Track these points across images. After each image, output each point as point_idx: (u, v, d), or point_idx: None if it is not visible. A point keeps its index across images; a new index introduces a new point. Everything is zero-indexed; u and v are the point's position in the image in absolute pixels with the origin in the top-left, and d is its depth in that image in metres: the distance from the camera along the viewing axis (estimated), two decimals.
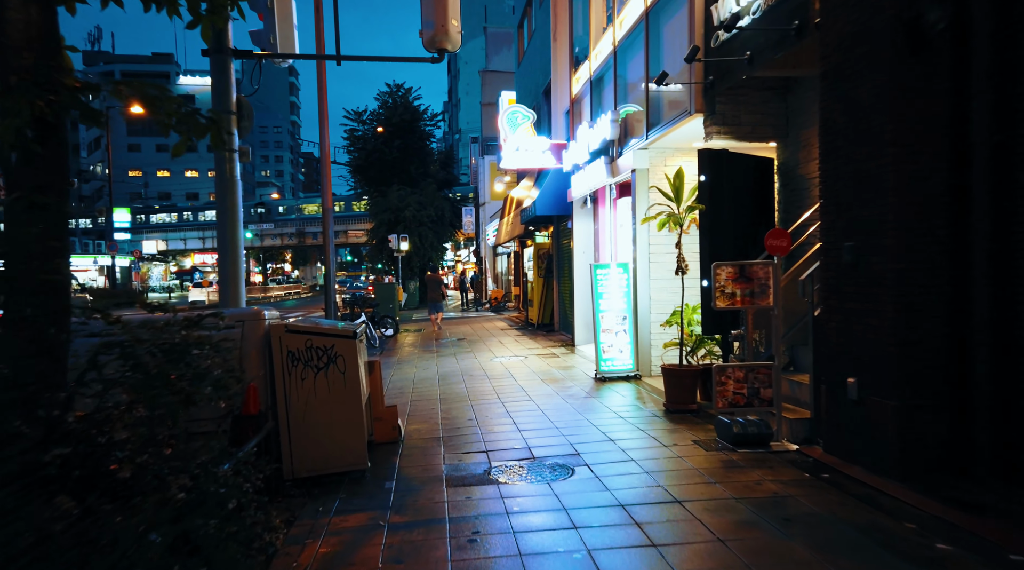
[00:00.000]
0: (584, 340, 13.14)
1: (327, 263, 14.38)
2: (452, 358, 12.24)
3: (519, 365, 10.90)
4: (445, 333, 17.40)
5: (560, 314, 16.34)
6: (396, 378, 10.10)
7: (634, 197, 9.19)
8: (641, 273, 9.14)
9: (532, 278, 18.00)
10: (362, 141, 38.93)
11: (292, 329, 5.01)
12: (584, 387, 8.69)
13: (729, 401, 5.33)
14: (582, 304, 13.15)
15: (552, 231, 17.04)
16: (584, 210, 13.08)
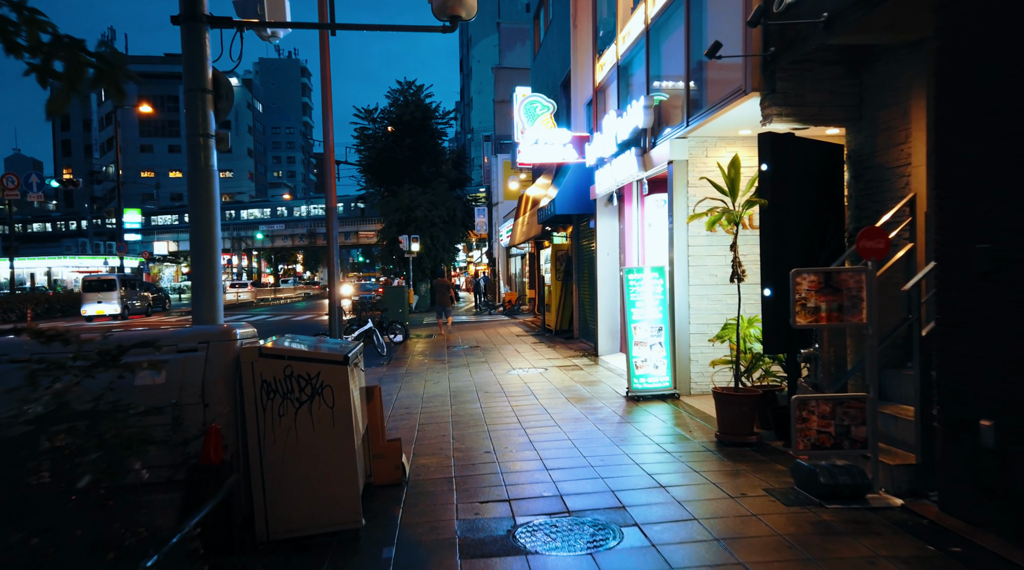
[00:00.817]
0: (608, 350, 12.09)
1: (330, 264, 13.39)
2: (465, 369, 11.23)
3: (539, 379, 9.86)
4: (457, 340, 16.40)
5: (580, 320, 15.29)
6: (403, 395, 9.09)
7: (671, 193, 8.13)
8: (679, 279, 8.08)
9: (549, 281, 16.97)
10: (372, 140, 38.04)
11: (268, 353, 4.01)
12: (615, 408, 7.64)
13: (812, 442, 4.28)
14: (606, 310, 12.10)
15: (571, 231, 16.00)
16: (608, 209, 12.03)
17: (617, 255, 12.10)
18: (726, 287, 7.96)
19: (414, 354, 13.85)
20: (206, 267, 5.33)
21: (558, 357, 12.38)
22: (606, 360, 11.50)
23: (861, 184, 6.05)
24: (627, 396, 8.14)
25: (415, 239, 30.03)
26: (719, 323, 8.00)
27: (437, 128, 39.42)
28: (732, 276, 5.95)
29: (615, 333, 12.09)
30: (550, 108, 12.80)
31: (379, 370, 11.62)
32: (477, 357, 12.85)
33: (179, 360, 3.94)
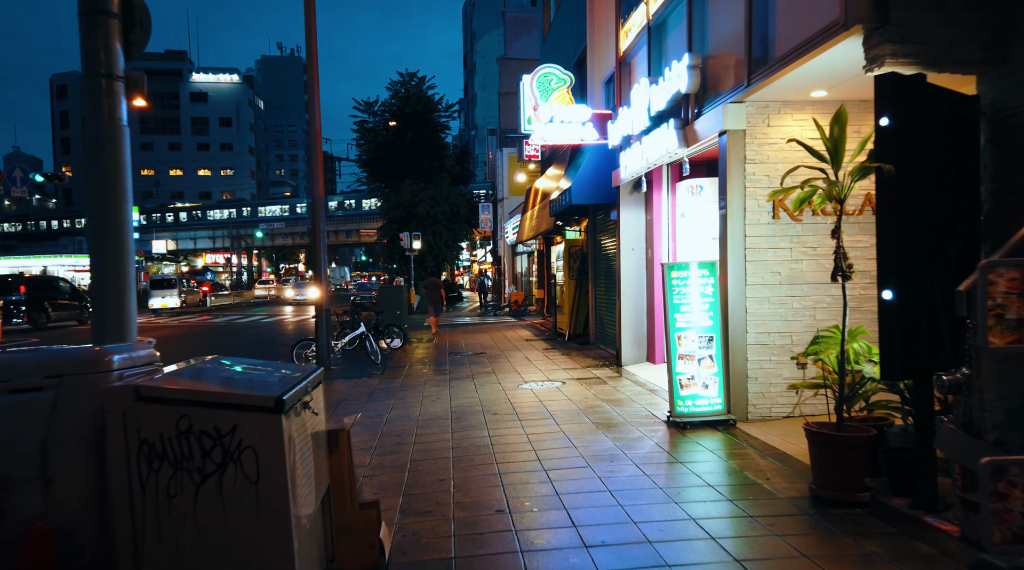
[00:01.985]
0: (633, 358, 10.54)
1: (317, 261, 11.86)
2: (469, 382, 9.70)
3: (556, 396, 8.33)
4: (460, 344, 14.87)
5: (596, 323, 13.76)
6: (395, 416, 7.56)
7: (724, 171, 6.59)
8: (733, 277, 6.54)
9: (561, 280, 15.44)
10: (372, 133, 36.48)
11: (151, 394, 2.48)
12: (658, 439, 6.10)
13: (1015, 531, 2.75)
14: (631, 314, 10.55)
15: (586, 225, 14.46)
16: (633, 197, 10.49)
17: (643, 250, 10.56)
18: (791, 287, 6.43)
19: (412, 362, 12.33)
20: (112, 262, 3.81)
21: (575, 367, 10.84)
22: (632, 371, 9.95)
23: (1001, 149, 4.49)
24: (669, 421, 6.60)
25: (416, 236, 28.54)
26: (783, 331, 6.46)
27: (440, 121, 37.85)
28: (834, 272, 4.39)
29: (641, 340, 10.55)
30: (567, 81, 11.25)
31: (370, 382, 10.11)
32: (483, 366, 11.32)
33: (6, 406, 2.43)
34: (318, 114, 11.74)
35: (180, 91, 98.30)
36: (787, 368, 6.52)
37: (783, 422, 6.42)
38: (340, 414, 7.85)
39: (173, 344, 17.77)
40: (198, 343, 18.03)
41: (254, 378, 3.02)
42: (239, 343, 17.96)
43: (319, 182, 11.70)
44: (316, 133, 11.63)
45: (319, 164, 11.67)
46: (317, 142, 11.69)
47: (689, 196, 9.74)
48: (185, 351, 16.01)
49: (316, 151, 11.69)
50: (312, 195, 11.64)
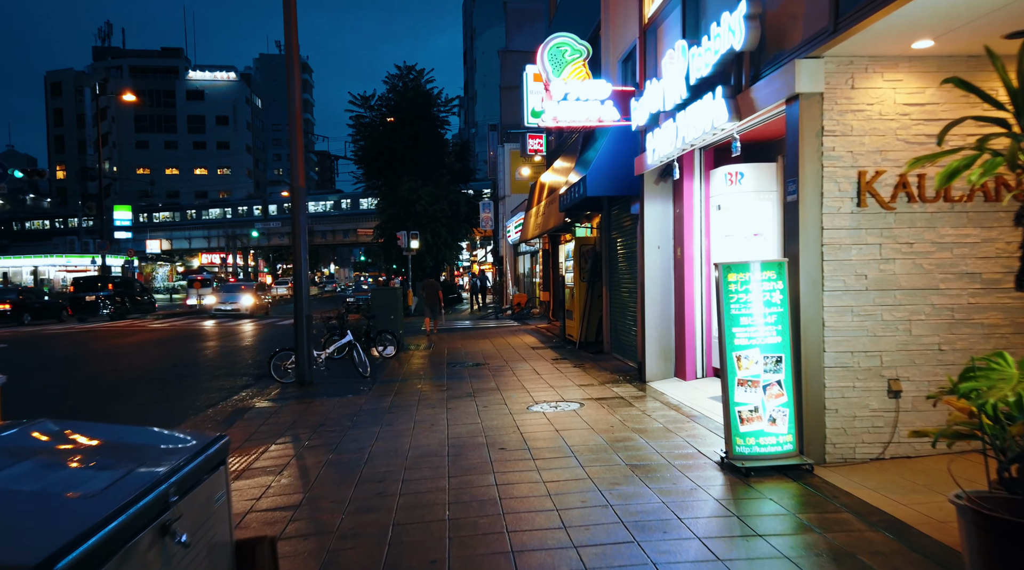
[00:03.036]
0: (660, 373, 9.13)
1: (297, 258, 10.43)
2: (470, 401, 8.31)
3: (575, 423, 6.92)
4: (460, 352, 13.48)
5: (611, 331, 12.36)
6: (380, 451, 6.16)
7: (796, 147, 5.18)
8: (806, 282, 5.15)
9: (571, 282, 14.04)
10: (369, 129, 34.99)
11: None
12: (716, 492, 4.70)
13: None
14: (658, 322, 9.15)
15: (600, 221, 13.06)
16: (660, 187, 9.09)
17: (671, 249, 9.16)
18: (881, 294, 5.04)
19: (406, 375, 10.92)
20: None
21: (591, 382, 9.44)
22: (659, 389, 8.54)
23: None
24: (724, 463, 5.20)
25: (414, 235, 27.16)
26: (870, 350, 5.07)
27: (439, 116, 36.38)
28: (1020, 277, 2.96)
29: (668, 352, 9.15)
30: (583, 52, 9.83)
31: (356, 401, 8.71)
32: (485, 381, 9.92)
33: None
34: (298, 97, 10.36)
35: (176, 89, 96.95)
36: (875, 397, 5.12)
37: (872, 467, 5.02)
38: (315, 445, 6.45)
39: (126, 357, 16.36)
40: (160, 352, 16.64)
41: (28, 503, 1.57)
42: (211, 352, 16.56)
43: (299, 172, 10.31)
44: (296, 115, 10.24)
45: (299, 151, 10.29)
46: (297, 127, 10.30)
47: (726, 185, 8.35)
48: (130, 367, 14.59)
49: (296, 136, 10.31)
50: (292, 185, 10.26)
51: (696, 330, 8.78)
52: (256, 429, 7.44)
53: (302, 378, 10.10)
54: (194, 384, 11.46)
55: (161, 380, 11.97)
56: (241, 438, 7.04)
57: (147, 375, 12.62)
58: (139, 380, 12.06)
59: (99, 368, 13.83)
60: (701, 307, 8.79)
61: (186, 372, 12.87)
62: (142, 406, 9.84)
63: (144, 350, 16.97)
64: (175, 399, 10.19)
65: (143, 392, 10.83)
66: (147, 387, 11.28)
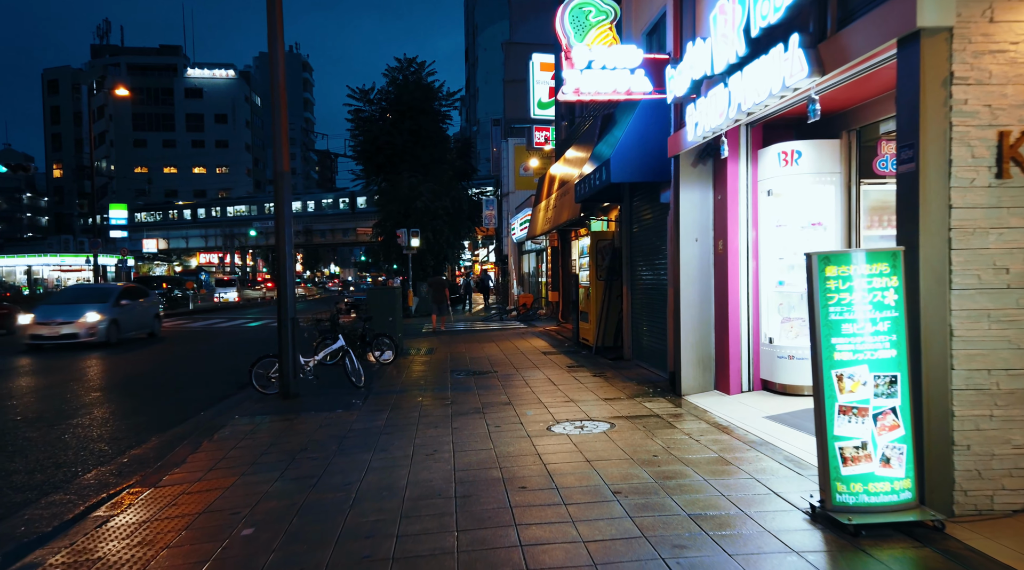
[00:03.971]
0: (697, 385, 7.89)
1: (280, 252, 9.19)
2: (479, 419, 7.08)
3: (608, 450, 5.69)
4: (465, 358, 12.25)
5: (633, 335, 11.13)
6: (370, 490, 4.93)
7: (914, 100, 3.94)
8: (928, 278, 3.91)
9: (586, 281, 12.81)
10: (368, 123, 33.67)
11: None
12: (818, 562, 3.47)
13: None
14: (694, 325, 7.91)
15: (619, 213, 11.84)
16: (698, 170, 7.86)
17: (711, 241, 7.93)
18: None
19: (405, 384, 9.70)
20: None
21: (616, 395, 8.20)
22: (700, 405, 7.30)
23: None
24: (818, 513, 3.97)
25: (415, 233, 25.94)
26: (1015, 368, 3.83)
27: (441, 110, 35.06)
28: None
29: (707, 361, 7.91)
30: (610, 14, 8.57)
31: (346, 418, 7.48)
32: (494, 392, 8.69)
33: None
34: (282, 71, 9.16)
35: (175, 87, 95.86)
36: (1021, 429, 3.89)
37: (1018, 524, 3.79)
38: (291, 479, 5.22)
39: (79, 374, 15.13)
40: (140, 357, 15.40)
41: None
42: (195, 356, 15.31)
43: (283, 155, 9.09)
44: (279, 90, 9.02)
45: (282, 131, 9.07)
46: (281, 103, 9.09)
47: (779, 167, 7.13)
48: (103, 373, 13.34)
49: (279, 115, 9.09)
50: (275, 170, 9.04)
51: (742, 336, 7.55)
52: (225, 454, 6.22)
53: (286, 390, 8.87)
54: (169, 393, 10.24)
55: (134, 388, 10.75)
56: (205, 465, 5.82)
57: (120, 383, 11.40)
58: (110, 388, 10.84)
59: (69, 375, 12.62)
60: (748, 309, 7.56)
61: (163, 379, 11.65)
62: (103, 420, 8.62)
63: (123, 354, 15.74)
64: (144, 412, 8.97)
65: (111, 403, 9.62)
66: (116, 397, 10.06)
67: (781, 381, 7.28)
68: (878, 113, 6.30)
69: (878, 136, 6.68)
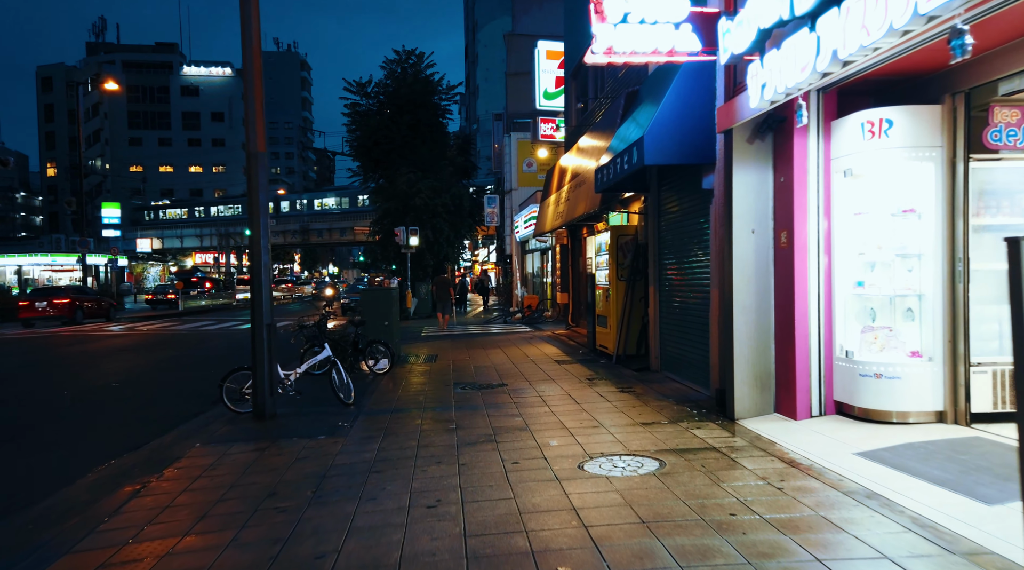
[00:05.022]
0: (754, 407, 6.53)
1: (256, 247, 7.66)
2: (492, 453, 5.72)
3: (669, 506, 4.33)
4: (469, 367, 10.90)
5: (661, 343, 9.77)
6: (347, 567, 3.57)
7: None
8: None
9: (604, 281, 11.47)
10: (365, 117, 32.26)
11: None
12: None
13: None
14: (750, 333, 6.55)
15: (644, 205, 10.50)
16: (756, 147, 6.51)
17: (770, 232, 6.58)
18: None
19: (401, 401, 8.33)
20: None
21: (654, 417, 6.84)
22: (763, 433, 5.94)
23: None
24: None
25: (413, 231, 24.59)
26: None
27: (441, 104, 33.66)
28: None
29: (766, 379, 6.55)
30: None
31: (328, 447, 6.12)
32: (507, 412, 7.33)
33: None
34: (256, 33, 7.79)
35: (170, 84, 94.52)
36: None
37: None
38: (245, 542, 3.86)
39: (66, 369, 13.73)
40: (107, 365, 14.04)
41: None
42: (166, 364, 13.93)
43: (258, 133, 7.74)
44: (253, 55, 7.67)
45: (257, 106, 7.72)
46: (255, 72, 7.74)
47: (862, 140, 5.79)
48: (61, 385, 11.92)
49: (253, 88, 7.74)
50: (248, 151, 7.69)
51: (811, 348, 6.20)
52: (171, 501, 4.87)
53: (260, 410, 7.51)
54: (129, 410, 8.89)
55: (90, 404, 9.40)
56: (142, 518, 4.48)
57: (76, 397, 10.04)
58: (61, 406, 9.48)
59: (21, 386, 11.27)
60: (819, 315, 6.21)
61: (125, 392, 10.30)
62: (46, 444, 7.29)
63: (90, 362, 14.38)
64: (93, 435, 7.63)
65: (60, 423, 8.27)
66: (67, 415, 8.71)
67: (863, 404, 5.93)
68: (999, 67, 4.96)
69: (992, 100, 5.34)
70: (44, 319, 24.08)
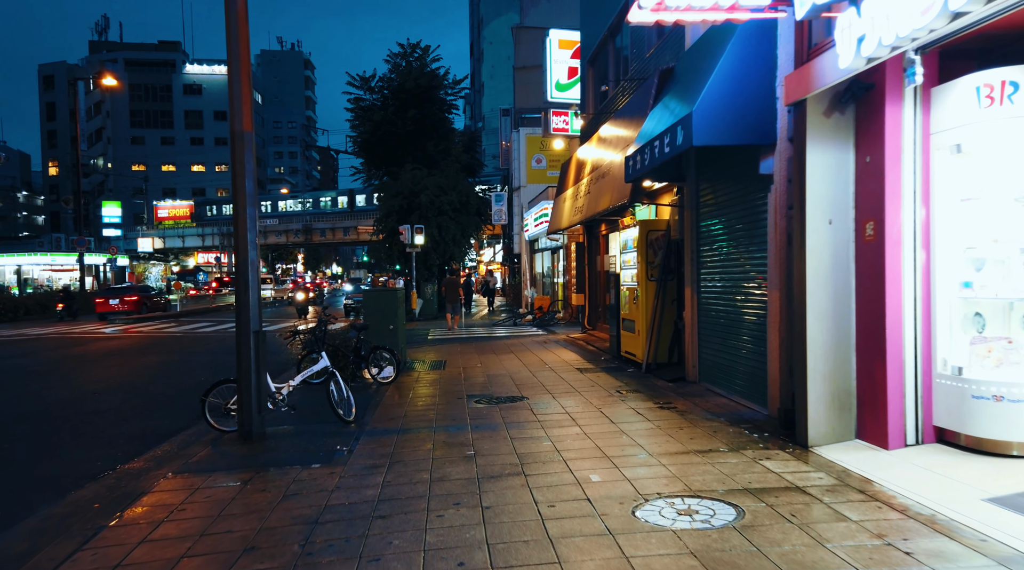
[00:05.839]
0: (832, 432, 5.45)
1: (240, 241, 6.42)
2: (522, 490, 4.67)
3: None
4: (479, 376, 9.85)
5: (699, 350, 8.71)
6: None
7: None
8: None
9: (632, 281, 10.41)
10: (369, 112, 31.19)
11: None
12: None
13: None
14: (826, 341, 5.48)
15: (677, 197, 9.44)
16: (834, 121, 5.44)
17: (851, 224, 5.51)
18: None
19: (409, 418, 7.27)
20: None
21: (709, 443, 5.79)
22: (847, 465, 4.87)
23: None
24: None
25: (419, 230, 23.55)
26: None
27: (447, 99, 32.59)
28: None
29: (846, 398, 5.49)
30: None
31: (324, 479, 5.07)
32: (532, 434, 6.28)
33: None
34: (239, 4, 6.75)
35: (173, 83, 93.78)
36: None
37: None
38: None
39: (50, 376, 12.69)
40: (94, 370, 13.00)
41: None
42: (153, 371, 12.89)
43: (244, 111, 6.68)
44: (238, 23, 6.62)
45: (243, 78, 6.67)
46: (240, 43, 6.68)
47: (977, 108, 4.73)
48: (36, 396, 10.84)
49: (238, 58, 6.69)
50: (232, 130, 6.64)
51: (905, 362, 5.13)
52: (123, 557, 3.84)
53: (247, 430, 6.47)
54: (102, 427, 7.86)
55: (62, 418, 8.38)
56: None
57: (51, 408, 9.03)
58: (32, 417, 8.47)
59: None
60: (915, 320, 5.14)
61: (104, 404, 9.27)
62: None
63: (78, 367, 13.37)
64: (54, 457, 6.60)
65: (21, 439, 7.24)
66: (34, 430, 7.69)
67: (975, 432, 4.85)
68: None
69: None
70: (114, 313, 27.89)
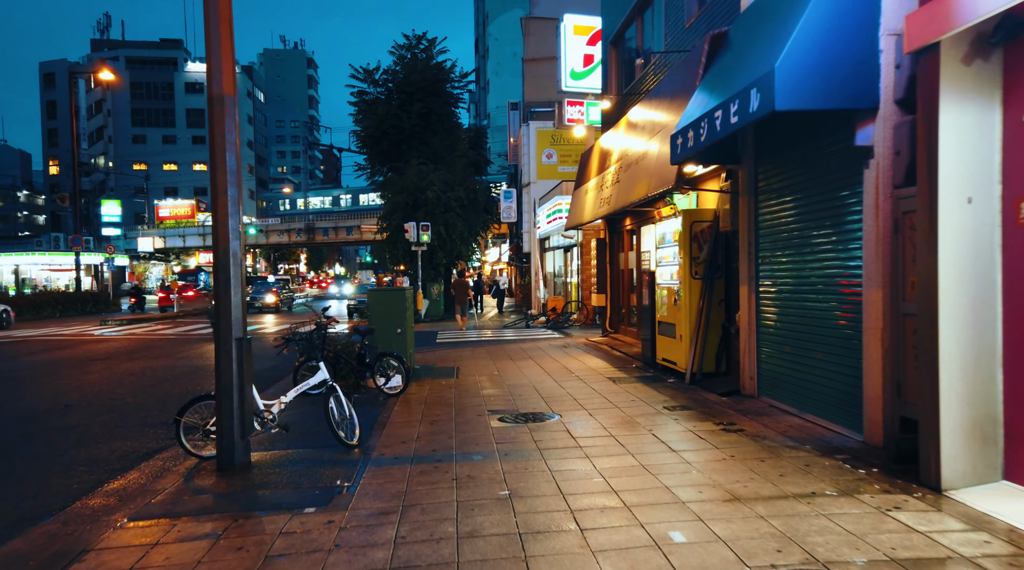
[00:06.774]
0: (971, 468, 4.23)
1: (221, 229, 4.90)
2: (582, 556, 3.46)
3: None
4: (497, 383, 8.64)
5: (759, 359, 7.48)
6: None
7: None
8: None
9: (673, 280, 9.19)
10: (373, 106, 29.98)
11: None
12: None
13: None
14: (965, 350, 4.26)
15: (728, 182, 8.23)
16: (973, 71, 4.23)
17: (996, 201, 4.30)
18: None
19: (423, 442, 6.06)
20: None
21: (810, 484, 4.58)
22: (1005, 516, 3.67)
23: None
24: None
25: (425, 227, 22.40)
26: None
27: (454, 92, 31.38)
28: None
29: (990, 427, 4.27)
30: None
31: (317, 532, 3.86)
32: (575, 467, 5.07)
33: None
34: None
35: (175, 81, 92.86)
36: None
37: None
38: None
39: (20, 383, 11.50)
40: (71, 378, 11.80)
41: None
42: (137, 380, 11.69)
43: (226, 71, 5.48)
44: None
45: (223, 24, 5.47)
46: None
47: None
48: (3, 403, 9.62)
49: (218, 8, 5.49)
50: (209, 93, 5.45)
51: None
52: None
53: (227, 457, 5.28)
54: (64, 448, 6.67)
55: (20, 437, 7.18)
56: None
57: (11, 423, 7.84)
58: None
59: None
60: None
61: (74, 418, 8.08)
62: None
63: (53, 374, 12.18)
64: None
65: None
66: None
67: None
68: None
69: None
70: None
